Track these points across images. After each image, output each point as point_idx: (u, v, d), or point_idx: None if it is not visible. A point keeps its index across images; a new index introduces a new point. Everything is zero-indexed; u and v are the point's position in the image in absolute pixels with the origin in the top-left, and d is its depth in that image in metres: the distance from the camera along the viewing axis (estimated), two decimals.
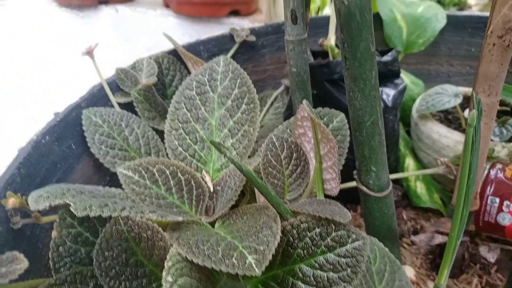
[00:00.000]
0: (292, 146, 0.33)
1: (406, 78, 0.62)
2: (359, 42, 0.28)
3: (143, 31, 0.74)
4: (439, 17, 0.63)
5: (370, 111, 0.30)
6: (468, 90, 0.57)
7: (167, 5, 0.73)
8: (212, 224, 0.32)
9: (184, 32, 0.73)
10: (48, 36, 0.76)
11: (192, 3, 0.68)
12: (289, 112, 0.54)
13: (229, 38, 0.57)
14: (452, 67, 0.66)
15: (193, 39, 0.73)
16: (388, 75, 0.49)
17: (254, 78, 0.62)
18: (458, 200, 0.26)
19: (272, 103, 0.60)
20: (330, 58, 0.54)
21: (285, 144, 0.33)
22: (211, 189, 0.36)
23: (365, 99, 0.30)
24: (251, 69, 0.60)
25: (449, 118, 0.57)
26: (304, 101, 0.29)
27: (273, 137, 0.33)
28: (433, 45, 0.64)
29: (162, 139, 0.41)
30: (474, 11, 4.05)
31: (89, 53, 0.40)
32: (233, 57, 0.57)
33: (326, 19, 0.64)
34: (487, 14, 0.64)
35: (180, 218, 0.28)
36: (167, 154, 0.39)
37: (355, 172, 0.35)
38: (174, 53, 0.51)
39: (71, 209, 0.23)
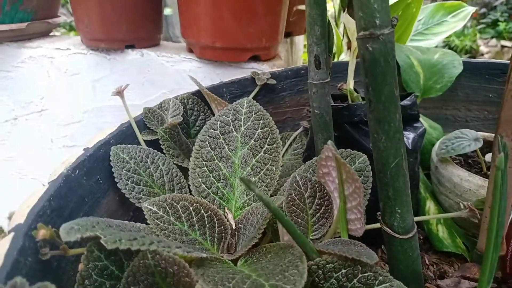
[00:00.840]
0: (316, 185, 0.33)
1: (424, 122, 0.63)
2: (383, 87, 0.29)
3: (167, 74, 0.77)
4: (455, 64, 0.65)
5: (394, 153, 0.31)
6: (487, 135, 0.58)
7: (190, 50, 0.76)
8: (235, 262, 0.32)
9: (206, 75, 0.76)
10: (77, 77, 0.79)
11: (214, 48, 0.71)
12: (308, 153, 0.54)
13: (251, 81, 0.59)
14: (470, 112, 0.67)
15: (215, 82, 0.76)
16: (407, 119, 0.50)
17: (274, 120, 0.63)
18: (487, 244, 0.26)
19: (291, 144, 0.61)
20: (350, 101, 0.55)
21: (309, 183, 0.33)
22: (233, 227, 0.36)
23: (389, 141, 0.31)
24: (271, 111, 0.62)
25: (469, 162, 0.57)
26: (329, 142, 0.30)
27: (297, 176, 0.33)
28: (450, 90, 0.65)
29: (185, 176, 0.42)
30: (486, 58, 4.09)
31: (119, 93, 0.42)
32: (254, 99, 0.58)
33: (344, 64, 0.66)
34: (503, 61, 0.65)
35: (204, 255, 0.28)
36: (190, 191, 0.40)
37: (379, 213, 0.34)
38: (198, 94, 0.53)
39: (102, 241, 0.24)
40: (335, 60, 1.02)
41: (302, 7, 0.88)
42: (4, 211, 0.94)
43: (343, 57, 1.02)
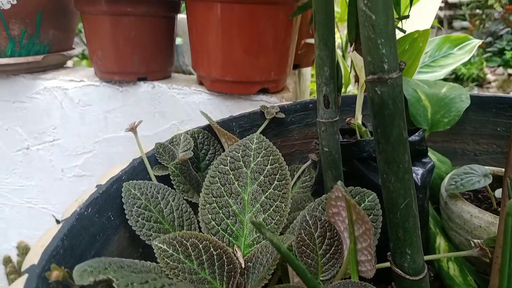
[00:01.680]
0: (326, 225, 0.33)
1: (433, 156, 0.63)
2: (392, 129, 0.30)
3: (177, 105, 0.78)
4: (463, 98, 0.65)
5: (404, 193, 0.31)
6: (496, 169, 0.57)
7: (201, 83, 0.78)
8: None
9: (216, 107, 0.77)
10: (89, 108, 0.81)
11: (224, 81, 0.72)
12: (317, 187, 0.55)
13: (260, 114, 0.60)
14: (479, 145, 0.67)
15: (224, 113, 0.77)
16: (416, 155, 0.50)
17: (282, 152, 0.63)
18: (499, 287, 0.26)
19: (299, 177, 0.61)
20: (358, 136, 0.56)
21: (318, 222, 0.33)
22: (243, 265, 0.36)
23: (399, 182, 0.31)
24: (280, 144, 0.62)
25: (479, 197, 0.56)
26: (339, 182, 0.30)
27: (306, 215, 0.33)
28: (458, 124, 0.65)
29: (195, 211, 0.42)
30: (493, 86, 4.07)
31: (133, 129, 0.43)
32: (263, 132, 0.59)
33: (352, 98, 0.67)
34: (510, 95, 0.65)
35: None
36: (199, 227, 0.40)
37: (389, 253, 0.34)
38: (208, 128, 0.54)
39: (114, 285, 0.24)
40: (343, 91, 1.03)
41: (310, 40, 0.90)
42: (12, 239, 0.94)
43: (351, 88, 1.04)
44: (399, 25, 0.70)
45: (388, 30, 0.29)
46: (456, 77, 4.02)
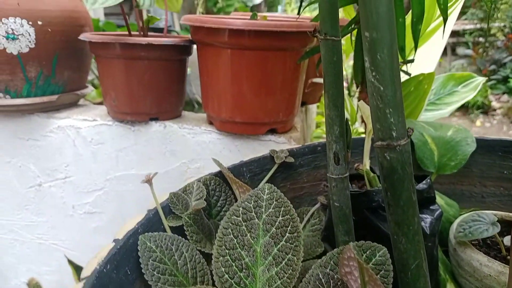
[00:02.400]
0: (338, 283, 0.34)
1: (440, 200, 0.63)
2: (401, 192, 0.31)
3: (187, 144, 0.80)
4: (469, 141, 0.66)
5: (414, 254, 0.32)
6: (504, 214, 0.58)
7: (210, 122, 0.80)
8: None
9: (225, 146, 0.78)
10: (101, 147, 0.83)
11: (234, 122, 0.74)
12: (327, 233, 0.55)
13: (269, 158, 0.61)
14: (486, 188, 0.68)
15: (233, 153, 0.79)
16: (424, 202, 0.51)
17: (291, 195, 0.65)
18: None
19: (309, 219, 0.62)
20: (366, 181, 0.57)
21: (331, 281, 0.34)
22: None
23: (409, 243, 0.32)
24: (289, 187, 0.63)
25: (487, 243, 0.57)
26: (351, 244, 0.31)
27: (319, 273, 0.34)
28: (464, 166, 0.66)
29: (207, 260, 0.43)
30: (499, 113, 4.06)
31: (149, 181, 0.44)
32: (272, 176, 0.61)
33: (359, 140, 0.68)
34: None
35: None
36: (212, 279, 0.41)
37: None
38: (220, 174, 0.55)
39: None
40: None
41: (317, 80, 0.92)
42: (22, 275, 0.95)
43: (357, 126, 1.05)
44: (404, 68, 0.72)
45: (396, 100, 0.30)
46: (461, 105, 4.03)
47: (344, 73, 1.65)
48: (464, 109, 4.03)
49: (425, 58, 0.89)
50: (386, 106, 0.30)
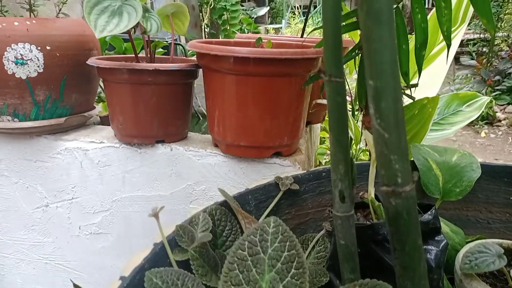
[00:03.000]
0: None
1: (445, 227, 0.63)
2: (407, 237, 0.31)
3: (193, 167, 0.80)
4: (473, 167, 0.66)
5: None
6: (511, 242, 0.58)
7: (216, 145, 0.80)
8: None
9: (231, 169, 0.79)
10: (108, 169, 0.84)
11: (239, 146, 0.75)
12: (332, 262, 0.55)
13: (274, 185, 0.62)
14: (491, 213, 0.67)
15: (238, 175, 0.79)
16: (429, 233, 0.51)
17: (296, 222, 0.65)
18: None
19: (314, 246, 0.62)
20: (371, 210, 0.57)
21: None
22: None
23: (415, 287, 0.32)
24: (294, 213, 0.64)
25: (494, 273, 0.56)
26: (357, 283, 0.31)
27: None
28: (470, 192, 0.66)
29: None
30: (504, 124, 4.03)
31: (156, 215, 0.45)
32: (277, 203, 0.61)
33: (364, 166, 0.69)
34: None
35: None
36: None
37: None
38: (225, 204, 0.55)
39: None
40: (353, 148, 1.05)
41: (321, 101, 0.92)
42: None
43: (361, 146, 1.06)
44: (408, 91, 0.72)
45: (401, 147, 0.31)
46: None
47: (347, 87, 1.66)
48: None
49: (428, 80, 0.90)
50: (390, 153, 0.30)
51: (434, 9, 0.82)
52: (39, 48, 0.77)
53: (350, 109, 1.12)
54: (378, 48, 0.30)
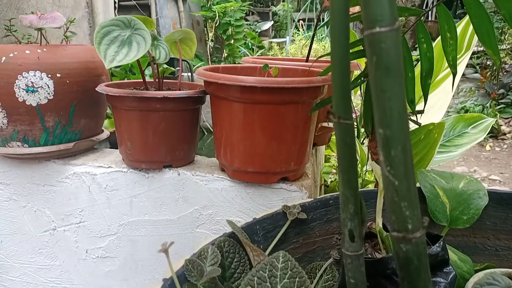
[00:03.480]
0: None
1: (453, 255, 0.63)
2: (417, 283, 0.31)
3: (200, 191, 0.81)
4: (480, 194, 0.66)
5: None
6: None
7: (223, 169, 0.81)
8: None
9: (237, 194, 0.79)
10: (116, 193, 0.84)
11: (246, 172, 0.75)
12: None
13: (282, 214, 0.62)
14: (499, 241, 0.67)
15: (245, 200, 0.80)
16: (438, 265, 0.51)
17: (304, 250, 0.65)
18: None
19: (321, 275, 0.62)
20: (379, 240, 0.57)
21: None
22: None
23: None
24: (302, 242, 0.64)
25: None
26: None
27: None
28: (477, 219, 0.66)
29: None
30: (509, 138, 4.01)
31: (165, 251, 0.45)
32: (285, 232, 0.61)
33: (371, 193, 0.69)
34: None
35: None
36: None
37: None
38: (233, 235, 0.56)
39: None
40: (359, 169, 1.05)
41: (327, 124, 0.93)
42: None
43: (367, 168, 1.06)
44: (414, 118, 0.73)
45: (411, 194, 0.31)
46: None
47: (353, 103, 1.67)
48: None
49: (435, 104, 0.91)
50: (401, 200, 0.31)
51: (437, 21, 0.83)
52: (49, 75, 0.78)
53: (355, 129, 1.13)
54: (387, 98, 0.30)
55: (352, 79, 0.79)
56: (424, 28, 0.64)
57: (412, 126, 0.81)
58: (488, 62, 4.70)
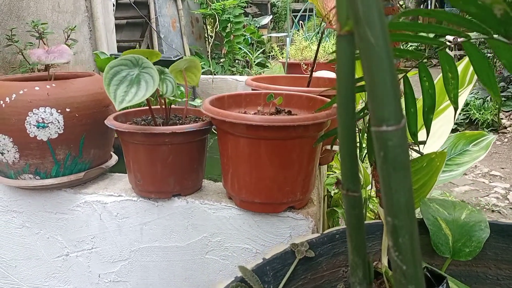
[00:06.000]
0: None
1: (455, 286, 0.66)
2: None
3: (208, 219, 0.83)
4: (482, 226, 0.69)
5: None
6: None
7: (230, 197, 0.83)
8: None
9: (245, 222, 0.82)
10: (126, 221, 0.87)
11: (253, 202, 0.77)
12: None
13: (290, 253, 0.64)
14: (501, 270, 0.70)
15: (253, 227, 0.82)
16: None
17: (312, 285, 0.68)
18: None
19: None
20: (384, 280, 0.60)
21: None
22: None
23: None
24: (310, 278, 0.66)
25: None
26: None
27: None
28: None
29: None
30: (510, 131, 4.01)
31: None
32: (293, 270, 0.64)
33: (376, 226, 0.71)
34: None
35: None
36: None
37: None
38: (244, 280, 0.58)
39: None
40: (363, 191, 1.07)
41: (330, 147, 0.95)
42: None
43: (370, 188, 1.08)
44: (416, 147, 0.75)
45: (417, 277, 0.33)
46: (470, 122, 4.04)
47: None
48: (474, 127, 4.02)
49: (436, 130, 0.92)
50: (408, 283, 0.33)
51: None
52: (59, 111, 0.80)
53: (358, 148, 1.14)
54: (395, 191, 0.32)
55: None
56: (426, 68, 0.65)
57: (416, 155, 0.82)
58: (488, 56, 4.69)
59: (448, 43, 0.56)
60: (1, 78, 0.88)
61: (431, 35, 0.54)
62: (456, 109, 0.68)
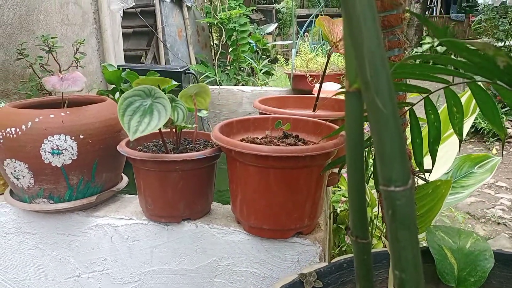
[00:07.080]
0: None
1: None
2: None
3: (217, 243, 0.85)
4: (487, 255, 0.70)
5: None
6: None
7: (239, 222, 0.85)
8: None
9: (253, 246, 0.83)
10: (137, 243, 0.88)
11: (262, 228, 0.79)
12: None
13: (299, 283, 0.66)
14: None
15: (261, 252, 0.84)
16: None
17: None
18: None
19: None
20: None
21: None
22: None
23: None
24: None
25: None
26: None
27: None
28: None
29: None
30: None
31: None
32: None
33: (382, 255, 0.73)
34: None
35: None
36: None
37: None
38: None
39: None
40: (369, 212, 1.09)
41: (336, 170, 0.96)
42: None
43: (375, 210, 1.09)
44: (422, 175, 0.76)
45: None
46: (476, 131, 4.04)
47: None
48: (480, 136, 4.02)
49: (442, 156, 0.94)
50: None
51: (442, 16, 0.86)
52: (73, 138, 0.82)
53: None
54: (402, 248, 0.34)
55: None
56: (431, 102, 0.67)
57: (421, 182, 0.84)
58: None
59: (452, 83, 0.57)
60: (17, 104, 0.91)
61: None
62: (460, 141, 0.69)
